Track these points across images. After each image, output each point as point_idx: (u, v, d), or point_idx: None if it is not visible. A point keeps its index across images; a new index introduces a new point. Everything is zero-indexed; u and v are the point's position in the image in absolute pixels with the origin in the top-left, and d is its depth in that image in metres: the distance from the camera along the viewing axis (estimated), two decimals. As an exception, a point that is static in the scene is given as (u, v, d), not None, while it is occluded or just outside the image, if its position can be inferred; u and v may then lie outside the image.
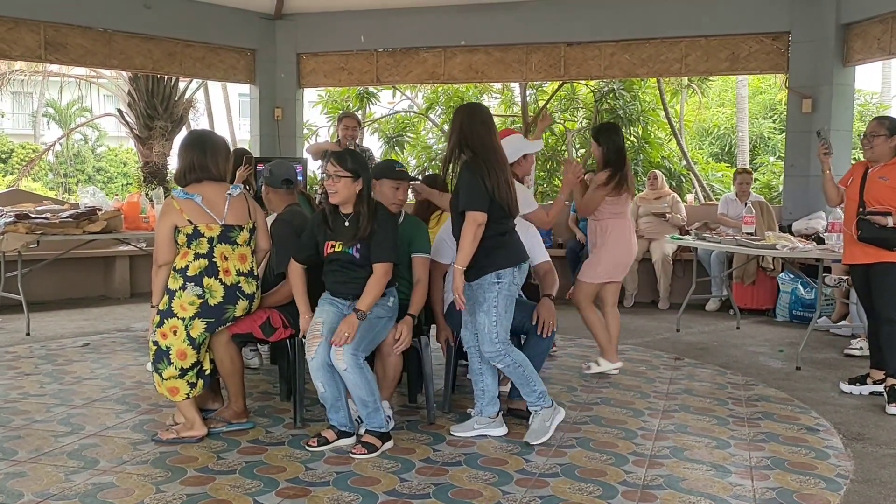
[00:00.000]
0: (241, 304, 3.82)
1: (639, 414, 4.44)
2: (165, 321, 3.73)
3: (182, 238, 3.74)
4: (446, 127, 13.53)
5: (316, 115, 14.00)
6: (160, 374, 3.77)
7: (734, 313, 7.33)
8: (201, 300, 3.72)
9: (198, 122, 16.68)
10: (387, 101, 15.82)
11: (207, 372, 3.90)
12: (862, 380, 4.96)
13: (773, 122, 18.36)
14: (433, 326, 4.48)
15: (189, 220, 3.73)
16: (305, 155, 9.88)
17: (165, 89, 11.04)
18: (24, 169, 20.61)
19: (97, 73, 15.62)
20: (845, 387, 4.98)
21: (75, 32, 8.29)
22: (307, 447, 3.75)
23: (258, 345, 5.13)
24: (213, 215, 3.77)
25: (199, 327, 3.74)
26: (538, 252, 4.49)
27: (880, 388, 4.86)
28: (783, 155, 8.93)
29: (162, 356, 3.74)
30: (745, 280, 7.75)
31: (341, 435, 3.79)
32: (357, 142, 7.01)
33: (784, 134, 9.03)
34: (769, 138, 18.11)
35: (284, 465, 3.54)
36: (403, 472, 3.50)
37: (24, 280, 6.52)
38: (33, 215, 6.55)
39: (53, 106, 29.21)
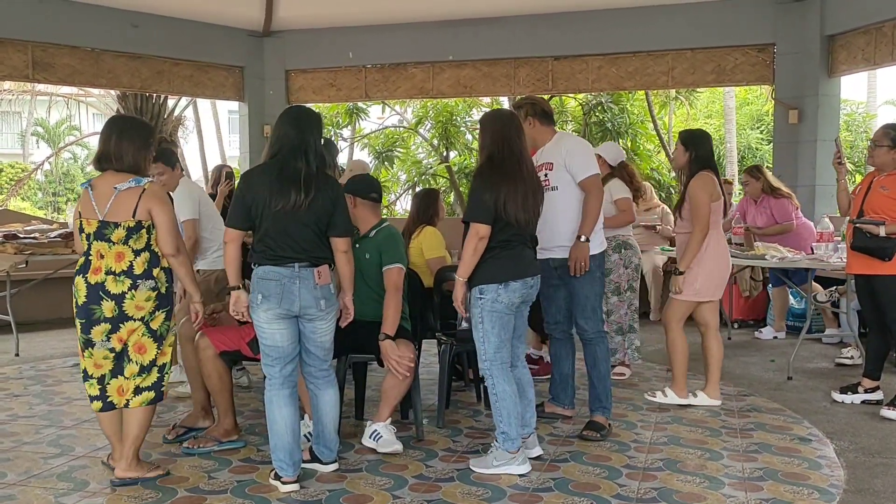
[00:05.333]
0: (107, 305, 3.44)
1: (631, 426, 4.44)
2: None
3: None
4: (436, 141, 13.58)
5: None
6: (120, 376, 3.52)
7: (725, 324, 7.34)
8: (74, 299, 3.50)
9: (187, 139, 16.66)
10: (376, 117, 15.87)
11: (164, 388, 3.63)
12: (853, 388, 4.97)
13: (761, 132, 18.48)
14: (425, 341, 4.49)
15: (80, 213, 3.53)
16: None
17: (154, 107, 11.02)
18: (13, 188, 20.51)
19: (86, 91, 15.61)
20: (837, 396, 4.99)
21: (63, 52, 8.28)
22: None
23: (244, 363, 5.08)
24: (96, 209, 3.47)
25: (78, 327, 3.49)
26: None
27: (872, 396, 4.89)
28: (771, 165, 8.99)
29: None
30: (752, 292, 7.77)
31: (314, 459, 3.72)
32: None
33: (771, 144, 9.10)
34: (757, 149, 18.22)
35: (275, 485, 3.51)
36: (396, 488, 3.49)
37: (12, 300, 6.49)
38: (22, 235, 6.53)
39: (42, 125, 29.13)
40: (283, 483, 3.47)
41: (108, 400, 3.53)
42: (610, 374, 4.38)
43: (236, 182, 5.74)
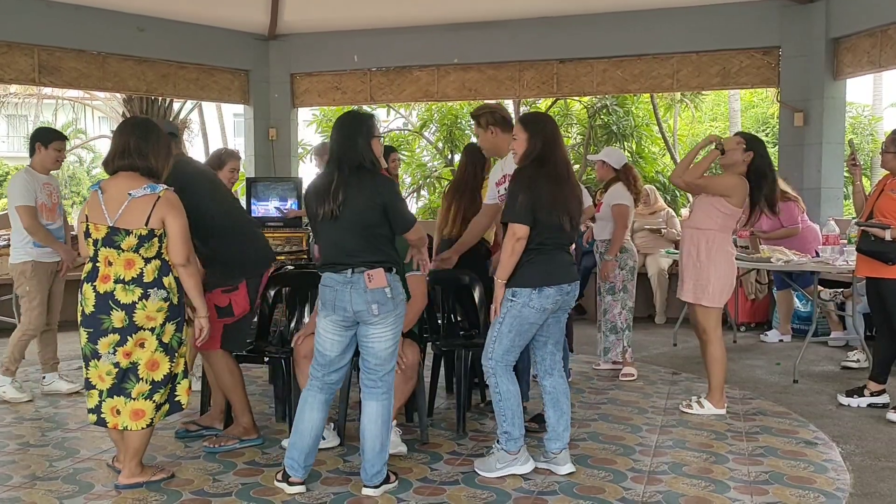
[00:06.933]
0: (116, 315, 3.37)
1: (637, 430, 4.43)
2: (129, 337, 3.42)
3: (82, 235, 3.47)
4: (441, 144, 13.58)
5: (310, 134, 14.05)
6: (130, 396, 3.45)
7: (731, 327, 7.32)
8: (80, 307, 3.46)
9: (192, 142, 16.69)
10: (381, 120, 15.88)
11: (178, 398, 3.60)
12: (859, 391, 4.95)
13: (766, 135, 18.42)
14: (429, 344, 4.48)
15: (87, 216, 3.43)
16: (300, 175, 9.91)
17: (160, 111, 11.06)
18: (19, 192, 20.56)
19: (91, 95, 15.65)
20: (843, 399, 4.97)
21: (69, 56, 8.32)
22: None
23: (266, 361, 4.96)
24: (106, 214, 3.38)
25: (83, 336, 3.44)
26: None
27: (878, 399, 4.87)
28: (777, 168, 8.98)
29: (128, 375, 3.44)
30: (758, 295, 7.75)
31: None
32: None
33: (777, 147, 9.08)
34: (762, 152, 18.18)
35: (281, 487, 3.51)
36: (400, 491, 3.48)
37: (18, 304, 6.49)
38: (28, 238, 6.52)
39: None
40: (290, 483, 3.47)
41: (102, 416, 3.48)
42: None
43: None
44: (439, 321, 4.86)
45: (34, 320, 5.08)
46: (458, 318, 4.87)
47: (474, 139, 5.05)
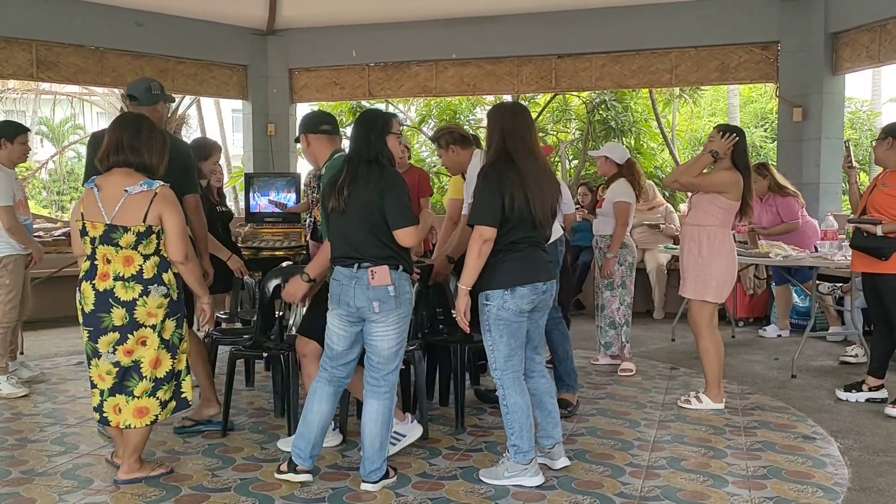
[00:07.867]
0: (117, 312, 3.36)
1: (635, 424, 4.43)
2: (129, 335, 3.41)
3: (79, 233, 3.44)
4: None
5: (309, 129, 14.05)
6: (132, 395, 3.44)
7: (729, 322, 7.33)
8: (79, 306, 3.44)
9: (190, 138, 16.66)
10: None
11: (184, 395, 3.61)
12: (858, 386, 4.96)
13: (765, 130, 18.45)
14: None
15: (82, 214, 3.41)
16: (299, 171, 9.89)
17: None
18: (18, 187, 20.51)
19: (90, 90, 15.64)
20: (841, 394, 4.98)
21: (67, 51, 8.30)
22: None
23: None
24: (103, 211, 3.36)
25: (84, 335, 3.44)
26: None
27: (876, 394, 4.87)
28: (775, 163, 8.99)
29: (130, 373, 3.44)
30: (756, 290, 7.76)
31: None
32: None
33: (776, 142, 9.09)
34: (761, 147, 18.18)
35: (280, 482, 3.51)
36: (399, 486, 3.49)
37: (17, 299, 6.49)
38: (26, 234, 6.53)
39: (46, 124, 29.12)
40: (297, 472, 3.47)
41: (105, 415, 3.49)
42: (570, 355, 4.64)
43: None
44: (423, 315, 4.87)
45: (8, 313, 5.10)
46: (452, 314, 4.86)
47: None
